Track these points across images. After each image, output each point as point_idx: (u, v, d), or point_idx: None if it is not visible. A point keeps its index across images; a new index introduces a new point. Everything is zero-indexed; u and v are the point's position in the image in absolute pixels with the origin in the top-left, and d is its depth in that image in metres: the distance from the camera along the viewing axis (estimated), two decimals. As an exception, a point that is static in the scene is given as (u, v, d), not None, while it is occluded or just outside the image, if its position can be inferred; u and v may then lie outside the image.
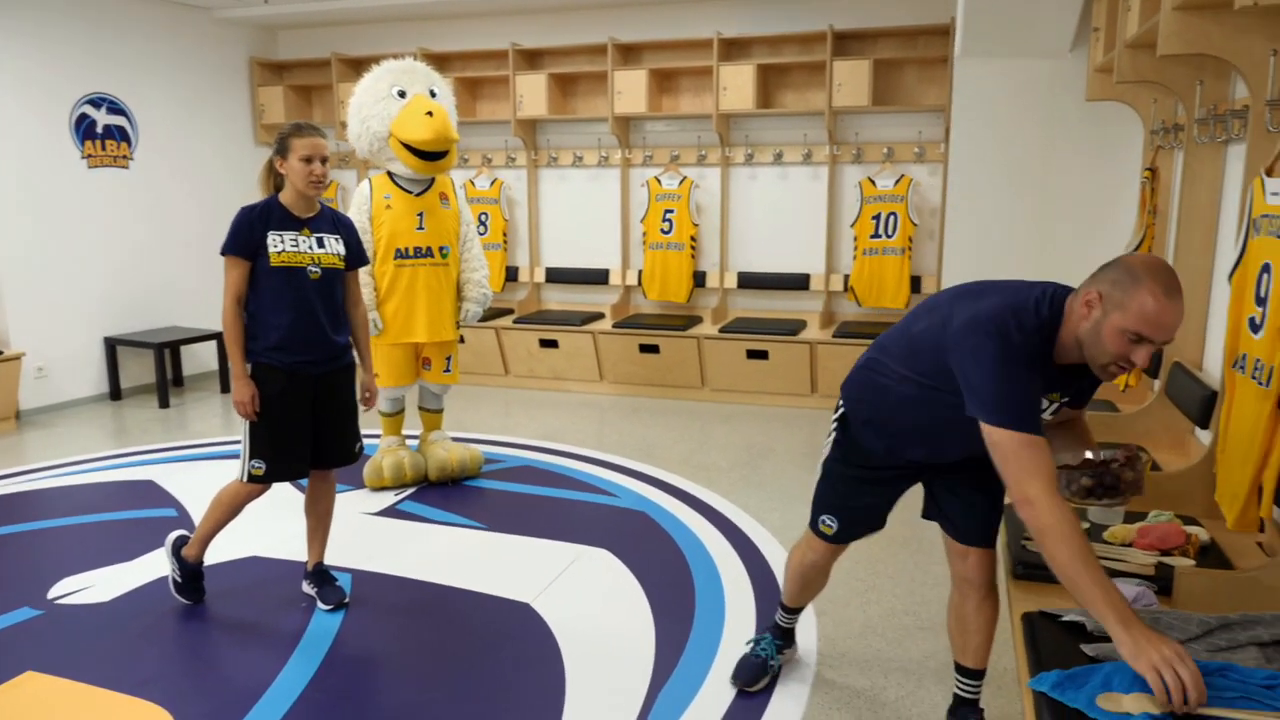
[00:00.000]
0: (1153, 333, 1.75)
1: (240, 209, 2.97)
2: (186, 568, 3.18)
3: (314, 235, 3.01)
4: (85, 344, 6.23)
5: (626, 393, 6.38)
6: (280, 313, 2.95)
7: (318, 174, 2.93)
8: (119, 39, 6.31)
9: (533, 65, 6.68)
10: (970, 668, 2.36)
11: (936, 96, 5.80)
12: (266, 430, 2.99)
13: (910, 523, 3.95)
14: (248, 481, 3.03)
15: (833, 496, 2.45)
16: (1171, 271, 1.78)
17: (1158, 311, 1.73)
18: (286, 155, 2.94)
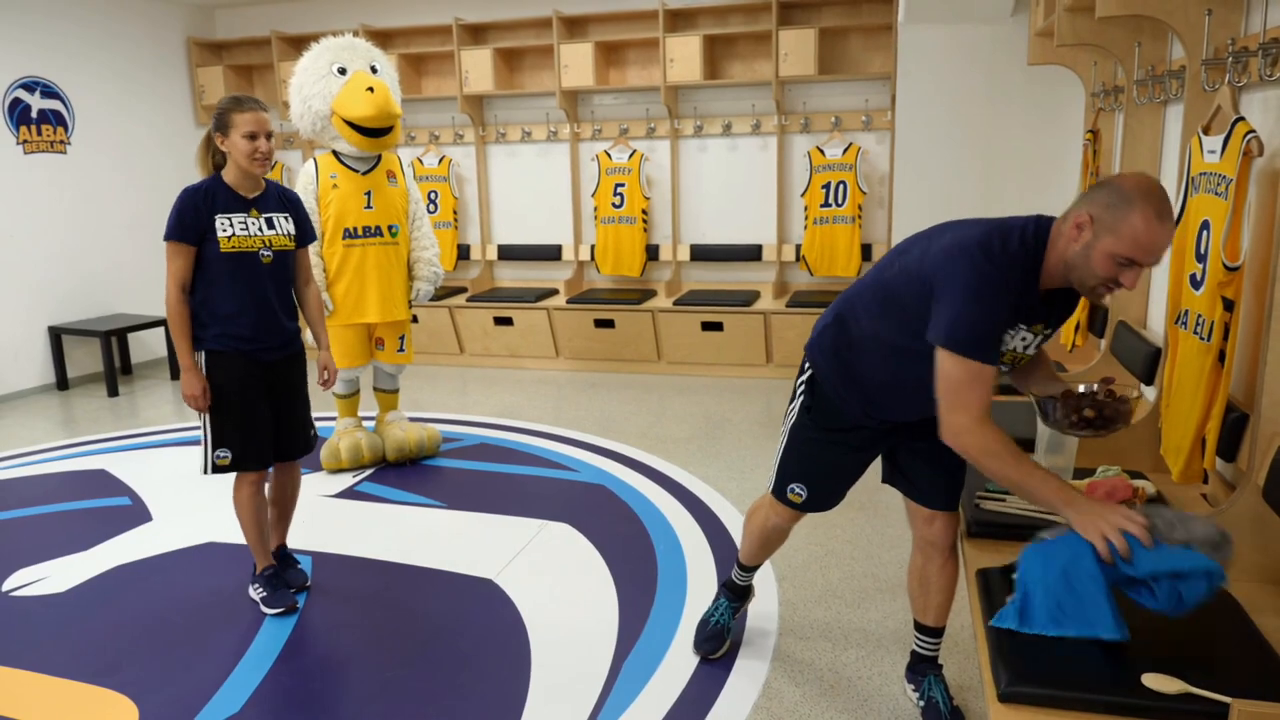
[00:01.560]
0: (1143, 257, 1.74)
1: (182, 191, 2.81)
2: (262, 578, 3.08)
3: (263, 216, 2.88)
4: (28, 334, 6.07)
5: (583, 368, 6.38)
6: (231, 300, 2.84)
7: (263, 150, 2.80)
8: (51, 21, 6.10)
9: (477, 40, 6.60)
10: (930, 626, 2.41)
11: (882, 64, 5.84)
12: (229, 416, 2.89)
13: (867, 489, 4.02)
14: (211, 471, 2.93)
15: (801, 463, 2.40)
16: (1163, 194, 1.75)
17: (1149, 236, 1.71)
18: (227, 132, 2.80)
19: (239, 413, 2.90)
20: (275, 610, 3.03)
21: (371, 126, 4.10)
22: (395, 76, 4.41)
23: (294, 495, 3.22)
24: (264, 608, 3.05)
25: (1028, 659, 1.66)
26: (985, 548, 2.20)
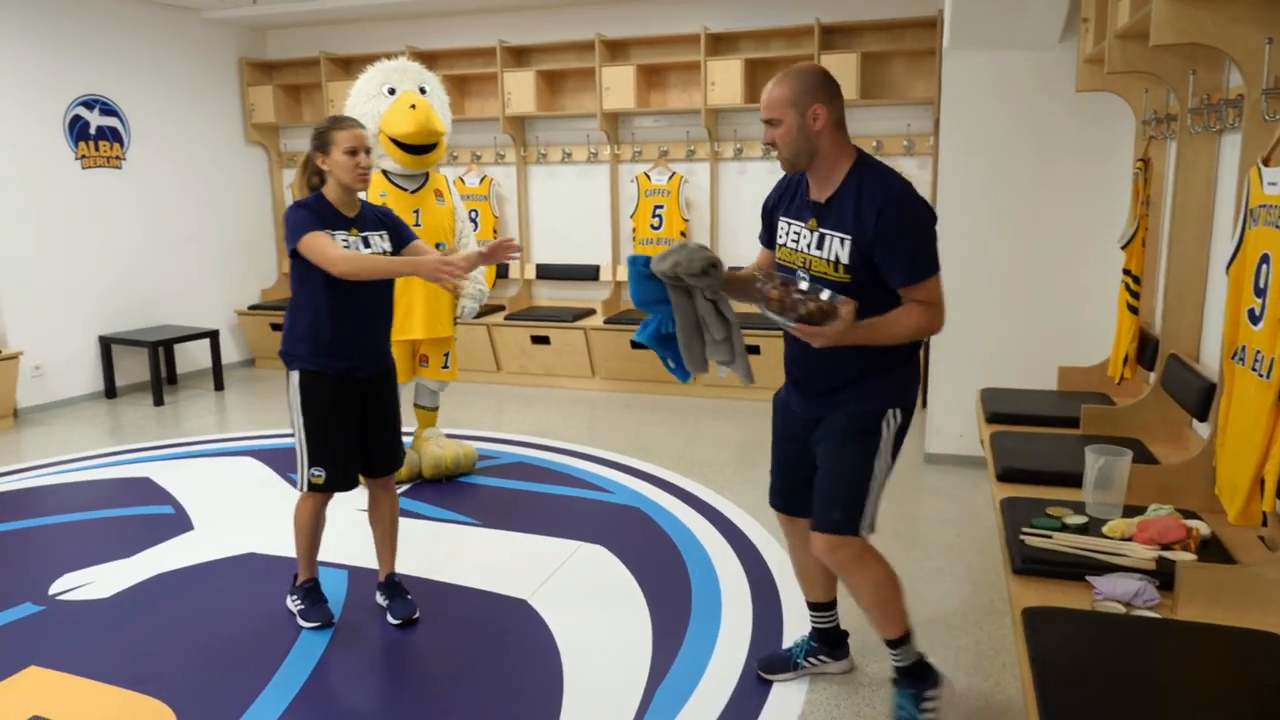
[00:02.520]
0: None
1: (292, 205, 2.84)
2: (302, 589, 3.11)
3: (361, 235, 2.90)
4: (81, 343, 6.21)
5: (618, 388, 6.38)
6: (333, 319, 2.85)
7: (364, 165, 2.81)
8: (111, 40, 6.28)
9: (521, 62, 6.67)
10: (885, 639, 2.43)
11: (925, 89, 5.81)
12: (322, 437, 2.91)
13: (905, 518, 3.98)
14: (308, 491, 2.95)
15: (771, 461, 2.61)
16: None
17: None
18: (328, 150, 2.82)
19: (331, 435, 2.92)
20: (312, 624, 3.04)
21: (414, 143, 4.17)
22: (445, 98, 4.49)
23: (395, 517, 3.18)
24: (301, 620, 3.07)
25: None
26: (1031, 585, 2.15)
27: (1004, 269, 4.46)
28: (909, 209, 2.17)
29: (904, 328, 2.20)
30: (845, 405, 2.30)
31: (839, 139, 2.21)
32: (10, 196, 5.74)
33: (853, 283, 2.20)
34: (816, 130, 2.17)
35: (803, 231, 2.28)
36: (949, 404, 4.62)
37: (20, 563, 3.64)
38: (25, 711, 2.57)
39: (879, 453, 2.30)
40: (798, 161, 2.23)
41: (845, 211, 2.19)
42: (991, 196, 4.42)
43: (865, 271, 2.19)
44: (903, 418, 2.32)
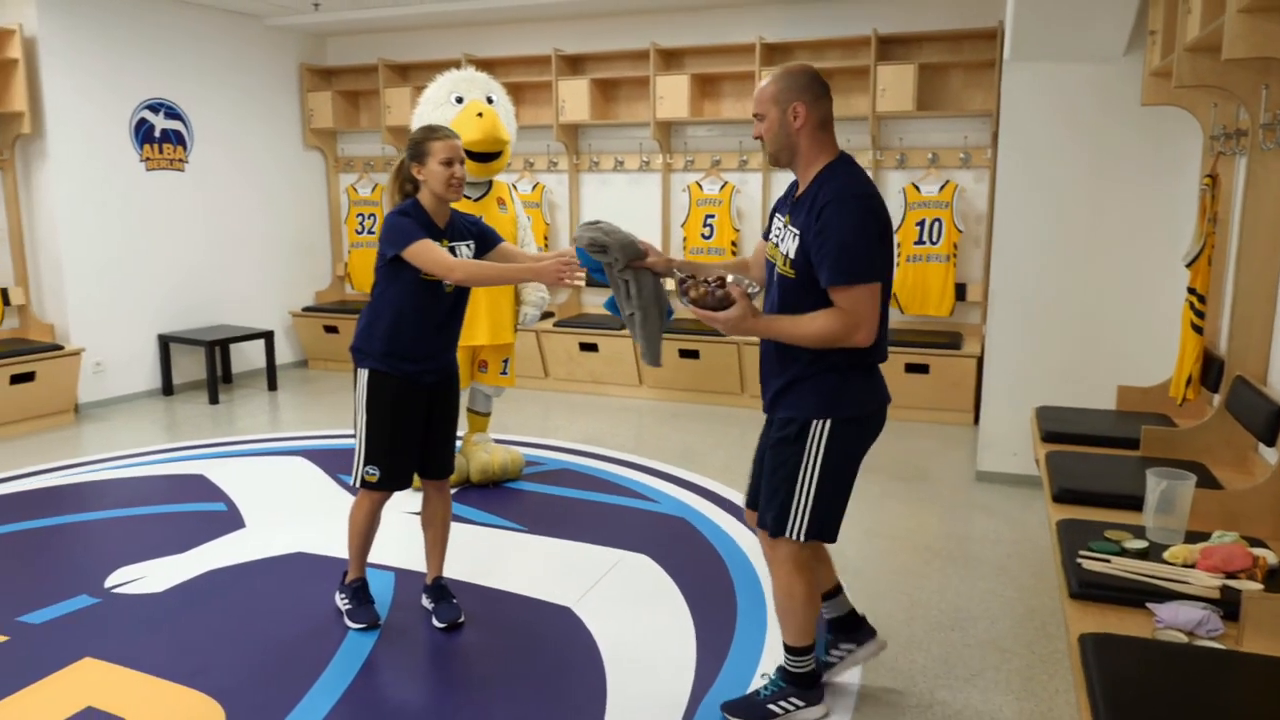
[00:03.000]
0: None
1: (393, 212, 2.85)
2: (350, 589, 3.14)
3: (449, 245, 2.91)
4: (141, 341, 6.37)
5: (665, 398, 6.37)
6: (413, 324, 2.88)
7: (459, 176, 2.84)
8: (176, 46, 6.44)
9: (575, 70, 6.71)
10: (784, 641, 2.50)
11: (983, 101, 5.73)
12: (382, 436, 2.94)
13: (953, 535, 3.92)
14: (361, 486, 3.00)
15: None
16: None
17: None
18: (424, 160, 2.83)
19: (391, 434, 2.95)
20: (358, 625, 3.07)
21: (479, 150, 4.24)
22: (510, 108, 4.59)
23: (448, 521, 3.21)
24: (348, 620, 3.10)
25: None
26: (1089, 610, 2.09)
27: (1061, 285, 4.37)
28: (850, 210, 2.18)
29: (809, 329, 2.22)
30: (778, 410, 2.39)
31: (820, 139, 2.27)
32: (78, 197, 5.91)
33: (795, 279, 2.27)
34: (796, 128, 2.25)
35: (781, 226, 2.37)
36: (1002, 421, 4.53)
37: (77, 555, 3.73)
38: (80, 702, 2.63)
39: (805, 463, 2.31)
40: (779, 156, 2.31)
41: (803, 209, 2.26)
42: (1050, 211, 4.33)
43: (807, 270, 2.24)
44: (833, 429, 2.30)
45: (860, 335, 2.21)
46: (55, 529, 3.99)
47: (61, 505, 4.27)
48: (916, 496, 4.43)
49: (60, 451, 5.16)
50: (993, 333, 4.53)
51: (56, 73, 5.73)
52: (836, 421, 2.31)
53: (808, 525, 2.35)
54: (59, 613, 3.17)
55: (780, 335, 2.28)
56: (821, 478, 2.32)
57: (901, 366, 5.65)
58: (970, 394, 5.57)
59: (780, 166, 2.35)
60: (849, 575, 3.52)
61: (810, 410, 2.31)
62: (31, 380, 5.49)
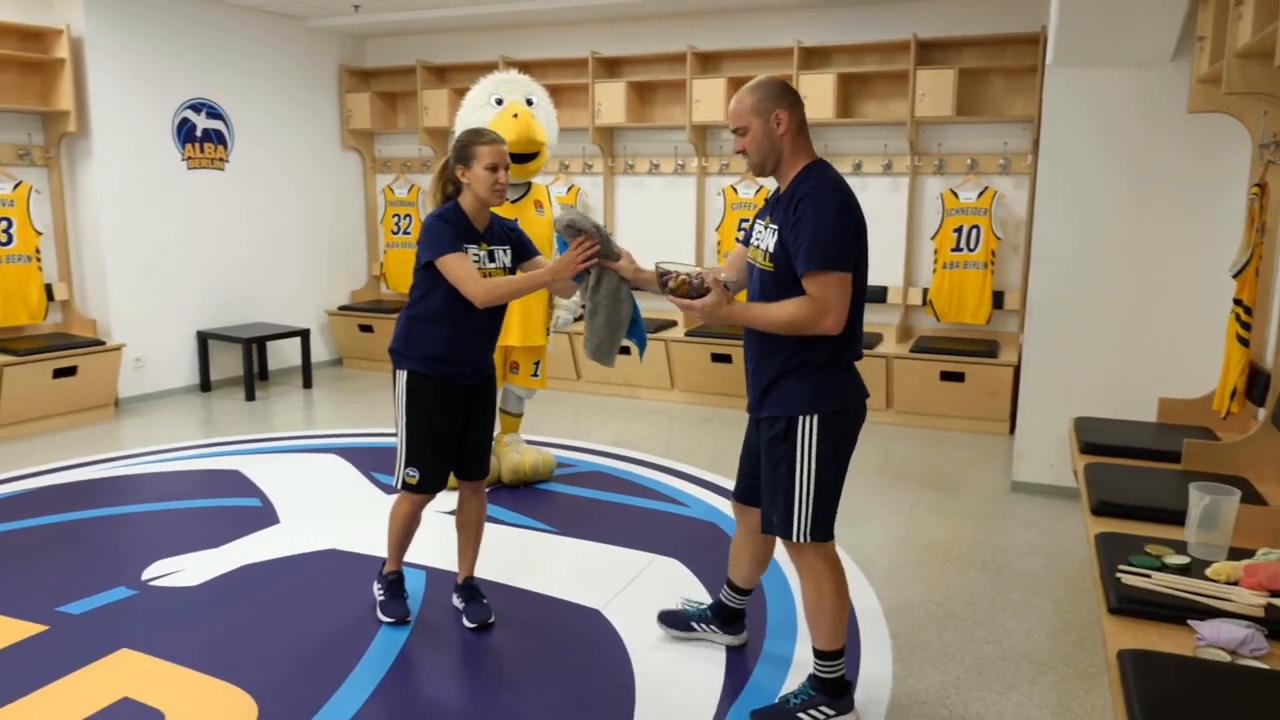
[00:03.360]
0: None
1: (430, 216, 2.87)
2: (386, 580, 3.18)
3: (488, 249, 2.93)
4: (180, 337, 6.46)
5: (697, 401, 6.35)
6: (448, 325, 2.88)
7: (502, 182, 2.84)
8: (219, 46, 6.54)
9: (612, 73, 6.72)
10: (814, 647, 2.53)
11: (1024, 107, 5.66)
12: (422, 438, 2.95)
13: (988, 545, 3.87)
14: (401, 489, 3.01)
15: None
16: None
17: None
18: (469, 164, 2.83)
19: (430, 437, 2.96)
20: (389, 619, 3.10)
21: (513, 151, 4.22)
22: (552, 110, 4.59)
23: (482, 522, 3.22)
24: (380, 612, 3.13)
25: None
26: (1128, 626, 2.05)
27: (1102, 294, 4.30)
28: (823, 203, 2.29)
29: (782, 314, 2.31)
30: (767, 409, 2.45)
31: (799, 143, 2.39)
32: (121, 195, 6.02)
33: (775, 272, 2.38)
34: (780, 134, 2.37)
35: (761, 228, 2.47)
36: (1039, 432, 4.47)
37: (116, 547, 3.79)
38: (117, 692, 2.67)
39: (799, 459, 2.38)
40: (765, 165, 2.42)
41: (782, 206, 2.38)
42: (1091, 218, 4.26)
43: (785, 262, 2.34)
44: (821, 424, 2.38)
45: (828, 321, 2.28)
46: (95, 521, 4.05)
47: (101, 498, 4.35)
48: (950, 506, 4.38)
49: (100, 445, 5.25)
50: (1030, 342, 4.47)
51: (102, 72, 5.84)
52: (823, 416, 2.38)
53: (811, 525, 2.42)
54: (97, 604, 3.23)
55: (752, 321, 2.37)
56: (818, 474, 2.39)
57: (937, 374, 5.59)
58: (1006, 403, 5.50)
59: (764, 175, 2.46)
60: (879, 583, 3.49)
61: (795, 406, 2.39)
62: (73, 375, 5.59)
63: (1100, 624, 2.19)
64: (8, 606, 3.18)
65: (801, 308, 2.28)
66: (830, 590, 2.46)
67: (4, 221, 5.55)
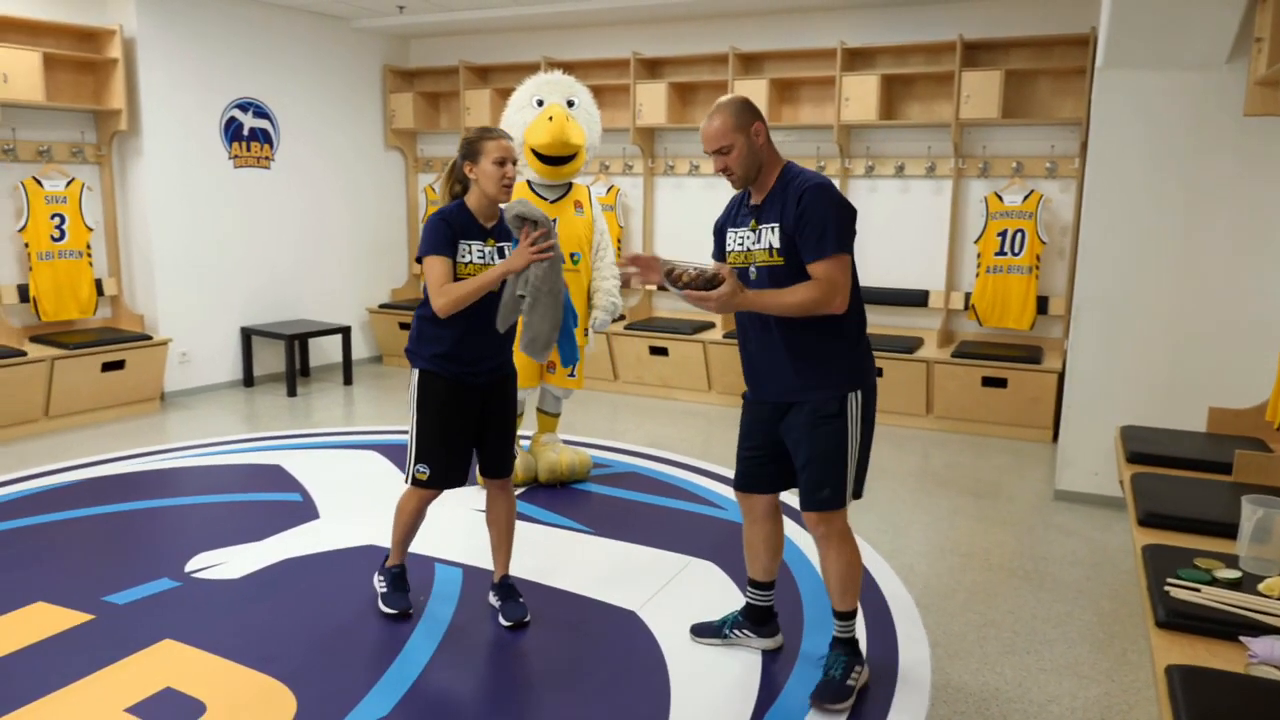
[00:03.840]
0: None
1: (433, 215, 2.92)
2: (389, 573, 3.22)
3: (496, 245, 2.96)
4: (224, 333, 6.57)
5: (734, 403, 6.33)
6: (455, 324, 2.90)
7: (510, 176, 2.88)
8: (266, 47, 6.63)
9: (653, 74, 6.72)
10: (836, 610, 2.72)
11: (1072, 109, 5.57)
12: (433, 435, 2.98)
13: (1029, 554, 3.81)
14: (412, 485, 3.03)
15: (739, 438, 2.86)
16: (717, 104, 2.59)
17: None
18: (477, 159, 2.88)
19: (442, 434, 2.99)
20: (391, 610, 3.13)
21: (547, 153, 4.25)
22: (595, 112, 4.57)
23: (512, 519, 3.22)
24: (381, 604, 3.17)
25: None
26: (1176, 640, 2.00)
27: (1150, 300, 4.22)
28: (824, 196, 2.49)
29: (795, 298, 2.48)
30: (811, 393, 2.58)
31: (772, 148, 2.62)
32: (169, 192, 6.13)
33: (785, 264, 2.54)
34: (760, 145, 2.57)
35: (745, 234, 2.64)
36: (1083, 440, 4.39)
37: (160, 539, 3.86)
38: (160, 682, 2.71)
39: (848, 435, 2.58)
40: (749, 177, 2.60)
41: (775, 205, 2.56)
42: (1141, 223, 4.18)
43: (794, 254, 2.52)
44: (864, 398, 2.60)
45: (838, 301, 2.49)
46: (140, 513, 4.13)
47: (146, 490, 4.43)
48: (991, 514, 4.32)
49: (146, 438, 5.36)
50: (1076, 348, 4.39)
51: (153, 72, 5.95)
52: (865, 390, 2.61)
53: (853, 488, 2.64)
54: (142, 594, 3.29)
55: (767, 306, 2.52)
56: (862, 443, 2.62)
57: (978, 380, 5.52)
58: (1050, 410, 5.41)
59: (748, 185, 2.63)
60: (918, 590, 3.45)
61: (843, 385, 2.58)
62: (121, 369, 5.70)
63: (1147, 638, 2.14)
64: (57, 595, 3.25)
65: (813, 291, 2.46)
66: (857, 555, 2.69)
67: (57, 217, 5.68)
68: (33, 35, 5.50)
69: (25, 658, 2.84)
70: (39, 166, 5.65)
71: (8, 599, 3.22)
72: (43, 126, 5.70)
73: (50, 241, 5.64)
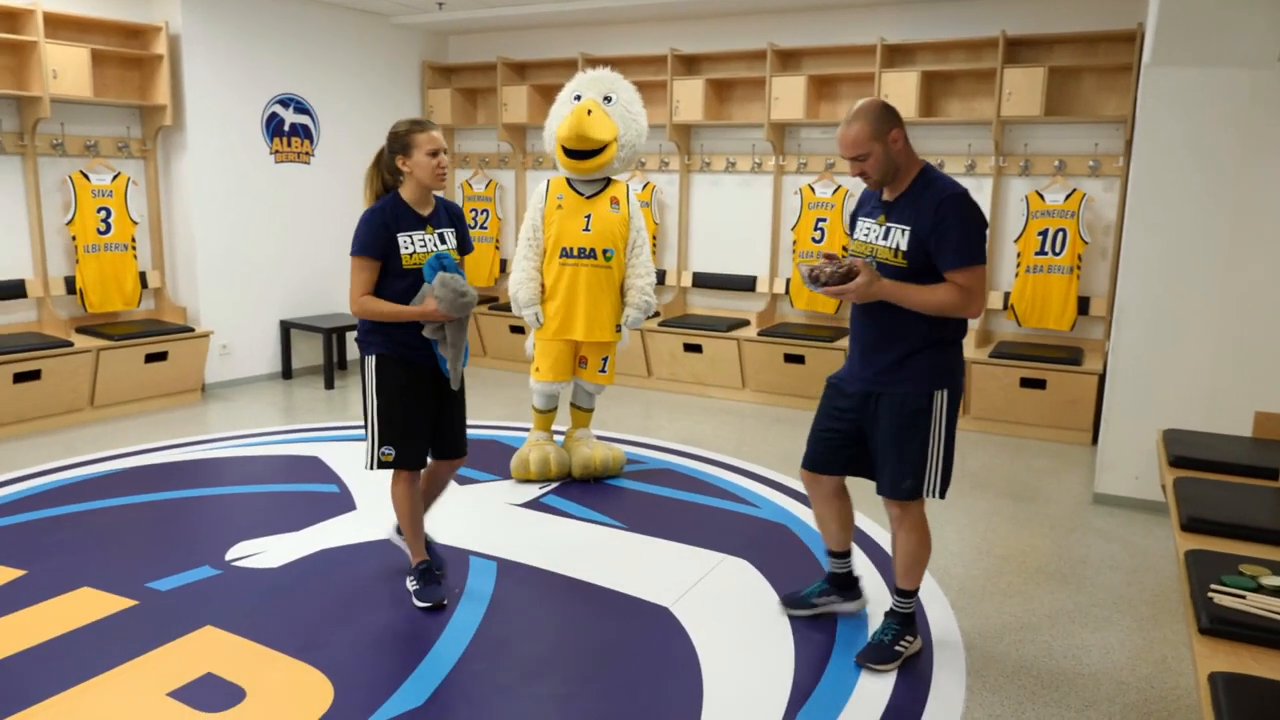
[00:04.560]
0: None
1: (366, 212, 3.03)
2: (415, 570, 3.26)
3: (436, 232, 3.08)
4: (264, 326, 6.66)
5: (768, 402, 6.31)
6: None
7: (444, 164, 3.00)
8: (307, 43, 6.71)
9: (691, 70, 6.70)
10: (899, 587, 2.89)
11: (1117, 107, 5.48)
12: (393, 417, 3.07)
13: (1067, 558, 3.76)
14: (376, 468, 3.11)
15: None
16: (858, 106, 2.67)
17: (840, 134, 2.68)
18: (409, 152, 2.99)
19: (401, 415, 3.08)
20: (425, 604, 3.17)
21: (568, 146, 4.27)
22: (637, 110, 4.50)
23: (440, 489, 3.41)
24: (415, 600, 3.20)
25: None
26: (1220, 648, 1.97)
27: (1197, 302, 4.14)
28: (964, 206, 2.60)
29: (935, 298, 2.61)
30: (898, 386, 2.71)
31: (910, 151, 2.69)
32: (212, 186, 6.22)
33: (908, 267, 2.65)
34: (898, 150, 2.65)
35: (873, 226, 2.76)
36: (1124, 443, 4.32)
37: (201, 527, 3.93)
38: (202, 668, 2.76)
39: (932, 428, 2.72)
40: (885, 180, 2.69)
41: (908, 208, 2.65)
42: (1187, 223, 4.11)
43: (919, 258, 2.63)
44: (950, 397, 2.73)
45: (975, 308, 2.62)
46: (181, 501, 4.21)
47: (187, 479, 4.51)
48: (1028, 516, 4.27)
49: (187, 428, 5.45)
50: (1118, 350, 4.33)
51: (197, 68, 6.04)
52: (952, 390, 2.74)
53: (940, 484, 2.77)
54: (183, 581, 3.35)
55: (905, 298, 2.62)
56: (946, 441, 2.74)
57: (1016, 381, 5.45)
58: (1089, 413, 5.33)
59: (883, 187, 2.72)
60: (954, 591, 3.42)
61: (932, 383, 2.71)
62: (164, 360, 5.80)
63: (1189, 645, 2.11)
64: (102, 581, 3.32)
65: (954, 295, 2.59)
66: (928, 540, 2.86)
67: (103, 211, 5.79)
68: (81, 32, 5.61)
69: (71, 641, 2.91)
70: (86, 161, 5.76)
71: (55, 583, 3.29)
72: (90, 122, 5.81)
73: (96, 234, 5.76)
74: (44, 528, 3.83)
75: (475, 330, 7.28)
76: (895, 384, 2.72)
